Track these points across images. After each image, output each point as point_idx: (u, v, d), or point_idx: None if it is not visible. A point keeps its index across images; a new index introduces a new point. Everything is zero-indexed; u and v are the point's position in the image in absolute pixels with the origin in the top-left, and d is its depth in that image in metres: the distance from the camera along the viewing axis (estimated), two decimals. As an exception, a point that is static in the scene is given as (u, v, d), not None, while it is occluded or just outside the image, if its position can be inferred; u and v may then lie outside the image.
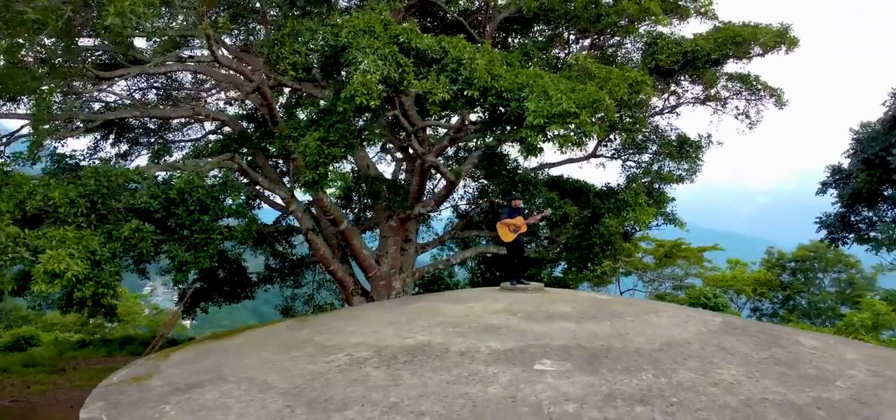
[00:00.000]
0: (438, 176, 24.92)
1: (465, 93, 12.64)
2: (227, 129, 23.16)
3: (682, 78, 19.78)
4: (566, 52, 21.01)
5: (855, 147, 25.01)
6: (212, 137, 23.64)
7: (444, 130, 21.99)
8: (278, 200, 21.31)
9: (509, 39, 22.42)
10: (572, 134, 12.67)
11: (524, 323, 8.72)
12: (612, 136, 20.09)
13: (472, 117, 17.55)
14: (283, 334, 9.77)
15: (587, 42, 21.20)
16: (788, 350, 8.33)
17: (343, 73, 12.94)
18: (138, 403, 7.27)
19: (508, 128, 13.88)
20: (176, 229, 13.36)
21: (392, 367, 7.35)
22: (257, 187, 20.83)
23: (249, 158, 20.24)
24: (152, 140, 23.54)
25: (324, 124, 13.16)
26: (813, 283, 35.97)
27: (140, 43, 18.33)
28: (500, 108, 13.59)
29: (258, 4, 18.33)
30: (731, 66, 19.60)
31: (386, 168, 26.09)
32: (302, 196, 22.10)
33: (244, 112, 23.31)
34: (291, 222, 24.75)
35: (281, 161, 22.98)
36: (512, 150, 23.11)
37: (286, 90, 21.54)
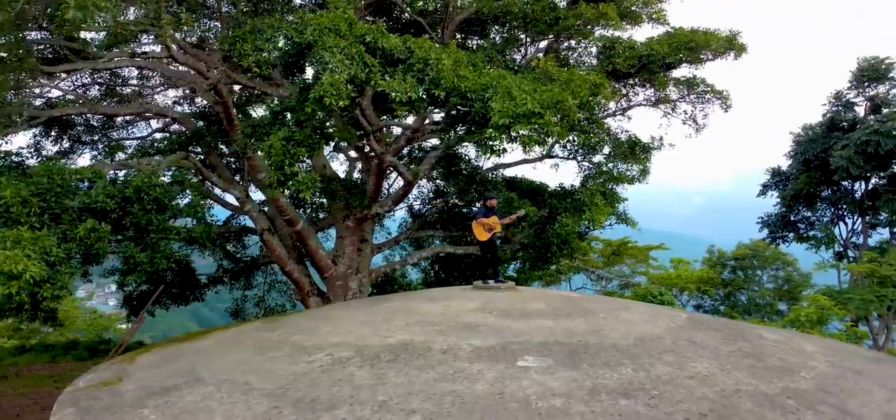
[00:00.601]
0: (393, 176, 24.92)
1: (432, 93, 12.68)
2: (175, 127, 22.56)
3: (636, 81, 20.32)
4: (522, 54, 21.28)
5: (795, 149, 26.31)
6: (157, 136, 22.95)
7: (400, 130, 22.01)
8: (232, 200, 20.89)
9: (467, 41, 22.57)
10: (536, 134, 12.87)
11: (502, 321, 8.83)
12: (570, 137, 20.50)
13: (435, 117, 17.60)
14: (254, 335, 9.61)
15: (543, 44, 21.53)
16: (753, 343, 8.70)
17: (308, 71, 12.81)
18: (114, 408, 7.05)
19: (473, 128, 13.96)
20: (131, 229, 12.94)
21: (376, 367, 7.34)
22: (209, 186, 20.35)
23: (201, 157, 19.79)
24: (96, 138, 22.74)
25: (288, 124, 12.98)
26: (752, 280, 37.38)
27: (86, 36, 17.68)
28: (465, 108, 13.69)
29: (213, 1, 17.95)
30: (682, 71, 20.26)
31: (338, 167, 25.94)
32: (257, 196, 21.76)
33: (197, 110, 22.75)
34: (244, 222, 24.30)
35: (233, 160, 22.56)
36: (468, 150, 23.32)
37: (236, 88, 21.14)
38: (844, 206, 25.12)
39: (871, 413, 6.77)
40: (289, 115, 14.27)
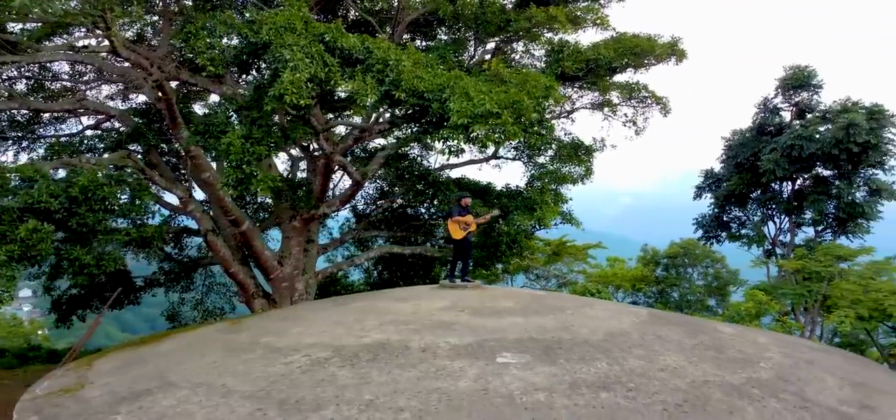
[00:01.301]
0: (336, 175, 24.67)
1: (391, 94, 12.67)
2: (108, 124, 21.70)
3: (581, 85, 20.81)
4: (469, 55, 21.47)
5: (727, 153, 27.57)
6: (89, 133, 21.95)
7: (347, 129, 21.86)
8: (173, 200, 20.23)
9: (415, 41, 22.59)
10: (494, 134, 13.04)
11: (475, 319, 8.94)
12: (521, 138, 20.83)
13: (387, 116, 17.54)
14: (220, 338, 9.40)
15: (490, 46, 21.77)
16: (712, 336, 9.12)
17: (265, 69, 12.58)
18: (82, 415, 6.79)
19: (430, 127, 14.02)
20: (78, 230, 12.38)
21: (357, 366, 7.32)
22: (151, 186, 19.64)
23: (141, 155, 19.09)
24: (21, 134, 21.57)
25: (245, 122, 12.71)
26: (684, 277, 38.89)
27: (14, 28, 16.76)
28: (423, 108, 13.73)
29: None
30: (625, 76, 20.87)
31: (280, 165, 25.45)
32: (198, 195, 21.13)
33: (133, 107, 21.92)
34: (185, 222, 23.56)
35: (173, 159, 21.87)
36: (413, 150, 23.36)
37: (173, 84, 20.51)
38: (773, 207, 26.53)
39: (827, 399, 7.23)
40: (239, 114, 14.01)
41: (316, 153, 20.57)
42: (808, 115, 25.19)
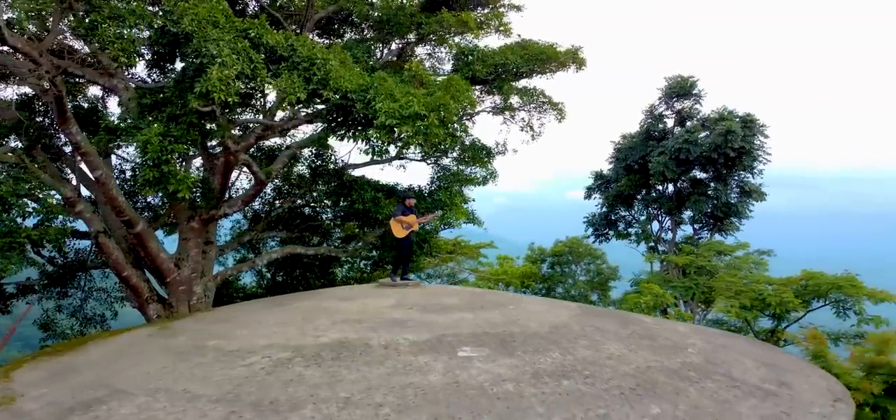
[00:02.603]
0: (233, 174, 23.84)
1: (320, 93, 12.55)
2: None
3: (487, 88, 21.41)
4: (376, 57, 21.51)
5: (616, 156, 29.35)
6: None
7: (250, 127, 21.23)
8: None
9: (323, 40, 22.31)
10: (421, 136, 13.24)
11: (426, 316, 9.13)
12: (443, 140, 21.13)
13: (303, 114, 17.23)
14: (155, 343, 8.98)
15: (395, 47, 21.91)
16: (641, 326, 9.85)
17: (188, 63, 12.04)
18: (31, 429, 6.33)
19: (354, 128, 14.00)
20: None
21: (323, 366, 7.31)
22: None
23: (23, 152, 17.57)
24: None
25: (161, 118, 12.10)
26: (569, 274, 40.90)
27: None
28: (346, 108, 13.69)
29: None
30: (528, 81, 21.70)
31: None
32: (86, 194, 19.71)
33: (17, 98, 20.07)
34: (69, 223, 21.85)
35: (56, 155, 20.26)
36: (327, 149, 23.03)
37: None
38: (658, 207, 28.58)
39: (751, 378, 8.07)
40: (153, 110, 13.27)
41: (214, 151, 19.84)
42: (689, 122, 27.39)
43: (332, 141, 19.37)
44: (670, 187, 28.41)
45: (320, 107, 14.99)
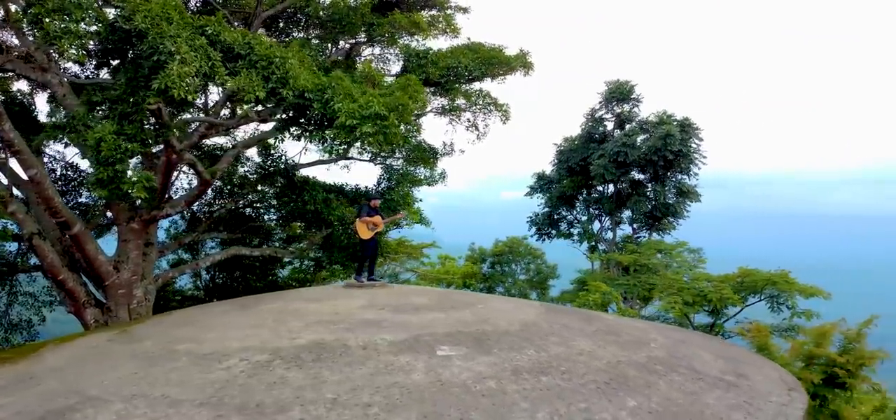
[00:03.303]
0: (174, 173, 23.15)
1: (279, 92, 12.41)
2: None
3: (436, 90, 21.56)
4: (325, 56, 21.33)
5: (558, 157, 30.08)
6: None
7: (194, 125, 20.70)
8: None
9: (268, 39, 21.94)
10: (381, 136, 13.24)
11: (400, 316, 9.18)
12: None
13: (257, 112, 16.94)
14: (119, 349, 8.70)
15: (342, 46, 21.77)
16: (604, 323, 10.21)
17: (139, 59, 11.64)
18: (3, 440, 6.06)
19: (312, 127, 13.88)
20: None
21: (304, 367, 7.28)
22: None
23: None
24: None
25: (112, 116, 11.67)
26: (509, 274, 41.54)
27: None
28: (302, 108, 13.56)
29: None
30: (477, 84, 21.96)
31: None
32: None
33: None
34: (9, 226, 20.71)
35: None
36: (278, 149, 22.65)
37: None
38: (599, 207, 29.46)
39: (712, 371, 8.51)
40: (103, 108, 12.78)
41: (154, 149, 19.27)
42: (628, 125, 28.36)
43: (282, 140, 19.08)
44: (611, 188, 29.34)
45: (270, 106, 14.81)
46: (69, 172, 21.36)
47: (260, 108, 16.04)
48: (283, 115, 14.43)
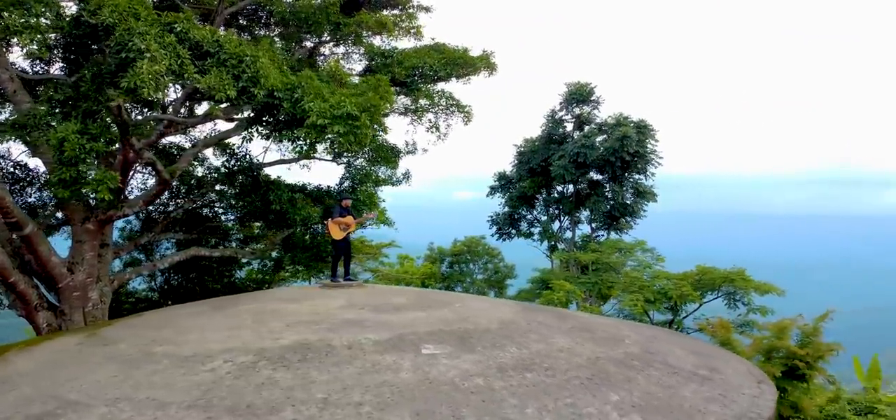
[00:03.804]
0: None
1: (250, 91, 12.26)
2: None
3: (402, 90, 21.55)
4: (289, 54, 21.09)
5: (519, 158, 30.44)
6: None
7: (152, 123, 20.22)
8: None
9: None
10: (352, 136, 13.20)
11: (381, 316, 9.20)
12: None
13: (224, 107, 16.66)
14: (95, 351, 8.48)
15: (307, 45, 21.58)
16: (577, 321, 10.43)
17: (109, 56, 11.35)
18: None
19: (281, 127, 13.75)
20: None
21: (292, 368, 7.25)
22: None
23: None
24: None
25: (76, 114, 11.34)
26: (467, 273, 41.79)
27: None
28: (272, 106, 13.42)
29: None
30: (442, 84, 22.03)
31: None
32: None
33: None
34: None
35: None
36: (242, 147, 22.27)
37: None
38: (559, 207, 29.94)
39: (686, 365, 8.79)
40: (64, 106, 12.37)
41: (112, 148, 18.78)
42: (587, 127, 28.89)
43: (249, 139, 18.78)
44: (570, 188, 29.83)
45: (240, 104, 14.61)
46: (18, 171, 20.60)
47: (225, 105, 15.82)
48: (251, 114, 14.24)
